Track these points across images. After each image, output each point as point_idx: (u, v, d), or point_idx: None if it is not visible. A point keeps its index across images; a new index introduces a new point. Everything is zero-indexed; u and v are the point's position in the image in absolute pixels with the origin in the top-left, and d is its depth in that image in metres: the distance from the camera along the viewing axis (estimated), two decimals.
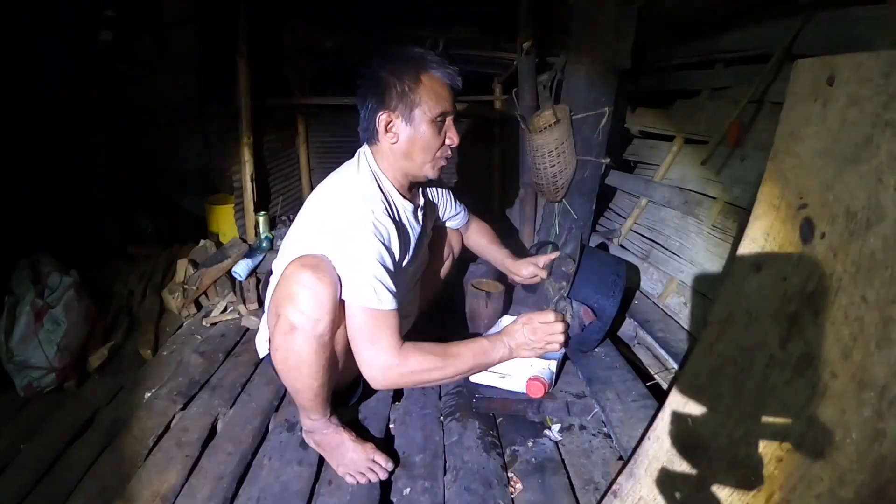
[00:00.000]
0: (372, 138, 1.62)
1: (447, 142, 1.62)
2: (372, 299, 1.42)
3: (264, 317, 1.73)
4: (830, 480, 0.78)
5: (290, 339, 1.41)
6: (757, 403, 0.93)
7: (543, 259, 2.07)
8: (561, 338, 1.60)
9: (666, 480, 1.05)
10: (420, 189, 1.80)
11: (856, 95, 0.88)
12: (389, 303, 1.45)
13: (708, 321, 1.09)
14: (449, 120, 1.60)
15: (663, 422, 1.10)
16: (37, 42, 2.66)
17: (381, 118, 1.56)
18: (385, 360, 1.45)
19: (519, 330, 1.61)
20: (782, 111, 1.03)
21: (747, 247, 1.05)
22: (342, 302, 1.45)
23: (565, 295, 1.89)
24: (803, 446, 0.84)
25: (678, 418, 1.07)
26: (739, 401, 0.97)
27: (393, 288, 1.47)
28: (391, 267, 1.49)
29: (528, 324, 1.60)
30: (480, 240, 2.21)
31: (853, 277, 0.80)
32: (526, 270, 2.07)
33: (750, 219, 1.05)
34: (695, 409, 1.04)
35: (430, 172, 1.64)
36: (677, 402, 1.08)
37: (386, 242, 1.49)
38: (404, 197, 1.67)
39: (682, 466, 1.03)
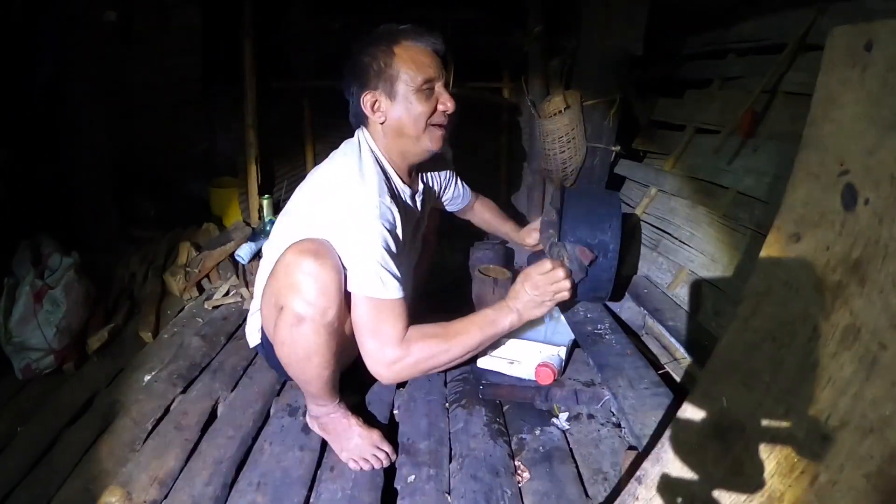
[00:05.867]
0: (363, 123, 1.60)
1: (440, 107, 1.55)
2: (378, 288, 1.38)
3: (253, 304, 1.68)
4: (881, 458, 0.74)
5: (297, 331, 1.35)
6: (799, 379, 0.89)
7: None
8: (567, 284, 1.51)
9: (697, 464, 1.00)
10: (419, 174, 1.75)
11: None
12: (396, 290, 1.40)
13: (743, 295, 1.05)
14: (438, 85, 1.54)
15: (693, 402, 1.06)
16: (33, 21, 2.60)
17: (366, 100, 1.53)
18: (389, 354, 1.40)
19: (521, 289, 1.52)
20: (818, 78, 1.00)
21: (785, 216, 1.01)
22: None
23: (556, 241, 1.80)
24: (850, 423, 0.79)
25: (710, 398, 1.03)
26: (779, 377, 0.92)
27: (398, 274, 1.42)
28: (396, 252, 1.44)
29: (527, 280, 1.51)
30: (485, 215, 2.20)
31: None
32: (530, 238, 2.08)
33: (787, 187, 1.01)
34: (728, 387, 1.00)
35: (428, 144, 1.57)
36: (709, 381, 1.04)
37: (391, 228, 1.44)
38: (403, 181, 1.62)
39: (715, 448, 0.99)
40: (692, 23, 2.51)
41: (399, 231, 1.48)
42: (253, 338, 1.70)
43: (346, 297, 1.41)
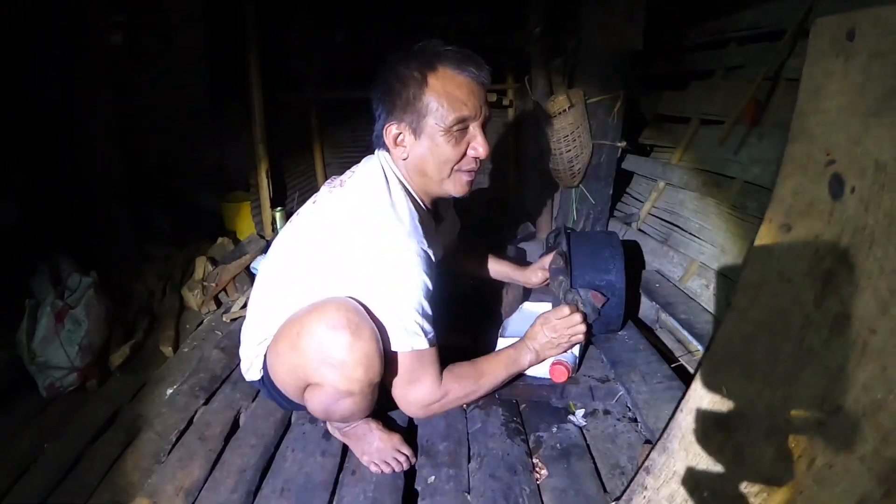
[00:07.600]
0: (385, 149, 1.47)
1: (470, 152, 1.41)
2: (420, 341, 1.34)
3: (250, 335, 1.54)
4: (874, 441, 0.75)
5: (345, 402, 1.32)
6: (794, 367, 0.90)
7: (548, 260, 2.06)
8: (582, 328, 1.63)
9: (701, 453, 1.02)
10: (441, 207, 1.69)
11: (877, 49, 0.86)
12: (434, 338, 1.37)
13: (738, 287, 1.06)
14: (473, 126, 1.39)
15: (696, 393, 1.07)
16: (38, 41, 2.64)
17: (389, 130, 1.40)
18: (426, 398, 1.42)
19: (539, 331, 1.63)
20: (804, 69, 1.01)
21: (776, 208, 1.02)
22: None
23: (569, 287, 1.86)
24: (844, 408, 0.81)
25: (712, 389, 1.05)
26: (776, 366, 0.94)
27: (432, 315, 1.37)
28: (431, 289, 1.37)
29: (546, 323, 1.63)
30: (479, 258, 2.17)
31: (886, 230, 0.78)
32: (536, 277, 2.10)
33: (777, 179, 1.03)
34: (729, 378, 1.02)
35: (451, 189, 1.46)
36: (710, 372, 1.06)
37: (429, 272, 1.35)
38: (429, 213, 1.55)
39: (717, 437, 1.00)
40: (692, 14, 2.50)
41: (433, 272, 1.39)
42: (252, 374, 1.57)
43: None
